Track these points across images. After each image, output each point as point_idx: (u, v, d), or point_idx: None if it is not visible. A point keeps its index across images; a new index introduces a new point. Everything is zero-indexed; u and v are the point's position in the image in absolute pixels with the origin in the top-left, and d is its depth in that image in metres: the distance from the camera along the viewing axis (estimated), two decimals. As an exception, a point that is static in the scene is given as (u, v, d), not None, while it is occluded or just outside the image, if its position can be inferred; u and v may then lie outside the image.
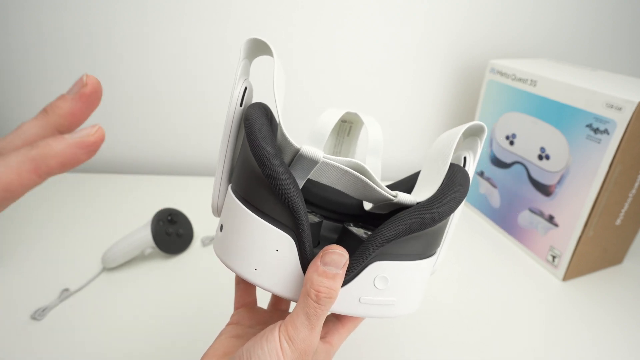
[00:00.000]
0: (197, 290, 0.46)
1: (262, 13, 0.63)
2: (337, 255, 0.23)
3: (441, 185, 0.25)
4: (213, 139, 0.73)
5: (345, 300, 0.25)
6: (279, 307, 0.34)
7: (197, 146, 0.74)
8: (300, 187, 0.25)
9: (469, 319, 0.45)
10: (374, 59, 0.67)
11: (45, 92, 0.67)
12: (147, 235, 0.48)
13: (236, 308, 0.32)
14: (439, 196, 0.24)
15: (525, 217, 0.55)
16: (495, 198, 0.60)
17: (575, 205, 0.48)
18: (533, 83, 0.51)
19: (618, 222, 0.49)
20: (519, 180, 0.55)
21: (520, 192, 0.55)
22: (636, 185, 0.46)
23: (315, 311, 0.23)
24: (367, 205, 0.31)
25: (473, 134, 0.28)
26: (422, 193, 0.26)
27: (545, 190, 0.51)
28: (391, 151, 0.76)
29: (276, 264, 0.24)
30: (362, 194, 0.26)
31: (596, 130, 0.44)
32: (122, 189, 0.67)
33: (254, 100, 0.27)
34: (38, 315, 0.41)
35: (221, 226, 0.26)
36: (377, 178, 0.25)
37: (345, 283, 0.24)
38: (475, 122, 0.26)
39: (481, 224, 0.63)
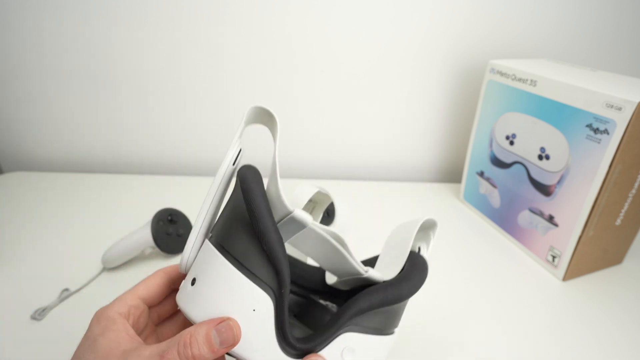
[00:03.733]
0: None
1: (261, 13, 0.63)
2: None
3: (405, 269, 0.27)
4: (213, 139, 0.73)
5: None
6: None
7: (197, 146, 0.74)
8: None
9: (469, 318, 0.45)
10: (375, 59, 0.67)
11: (46, 92, 0.67)
12: (147, 235, 0.49)
13: None
14: (406, 277, 0.27)
15: (525, 217, 0.55)
16: (495, 198, 0.60)
17: (575, 205, 0.48)
18: (533, 83, 0.51)
19: (618, 222, 0.49)
20: (519, 180, 0.55)
21: (520, 192, 0.55)
22: (636, 185, 0.46)
23: None
24: (331, 280, 0.31)
25: (427, 228, 0.32)
26: (385, 274, 0.28)
27: (545, 190, 0.51)
28: (391, 151, 0.76)
29: (251, 325, 0.23)
30: (335, 265, 0.27)
31: (596, 130, 0.44)
32: (122, 189, 0.67)
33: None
34: (38, 315, 0.41)
35: (193, 280, 0.25)
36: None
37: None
38: (428, 218, 0.30)
39: (481, 224, 0.63)
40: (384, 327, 0.27)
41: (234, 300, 0.23)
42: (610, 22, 0.67)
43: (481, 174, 0.63)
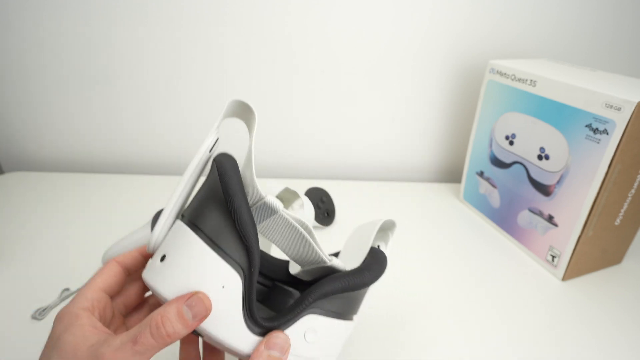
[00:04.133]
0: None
1: (261, 13, 0.63)
2: (282, 340, 0.25)
3: (366, 261, 0.29)
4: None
5: None
6: None
7: (197, 146, 0.74)
8: None
9: (469, 318, 0.45)
10: (375, 59, 0.67)
11: (46, 92, 0.67)
12: (147, 235, 0.49)
13: None
14: (367, 266, 0.29)
15: (524, 217, 0.55)
16: (495, 198, 0.61)
17: (574, 205, 0.48)
18: (533, 83, 0.51)
19: (617, 222, 0.49)
20: (519, 180, 0.55)
21: (520, 192, 0.55)
22: (635, 185, 0.47)
23: None
24: (294, 269, 0.33)
25: (386, 228, 0.34)
26: (347, 266, 0.30)
27: (544, 190, 0.51)
28: (391, 151, 0.76)
29: (219, 302, 0.24)
30: (300, 254, 0.28)
31: (595, 130, 0.44)
32: (122, 189, 0.67)
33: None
34: (39, 314, 0.42)
35: (162, 256, 0.25)
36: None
37: None
38: (387, 219, 0.33)
39: (481, 224, 0.63)
40: (345, 312, 0.28)
41: (205, 276, 0.24)
42: (610, 22, 0.67)
43: (481, 174, 0.63)
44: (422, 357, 0.40)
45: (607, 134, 0.43)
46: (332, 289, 0.26)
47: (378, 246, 0.33)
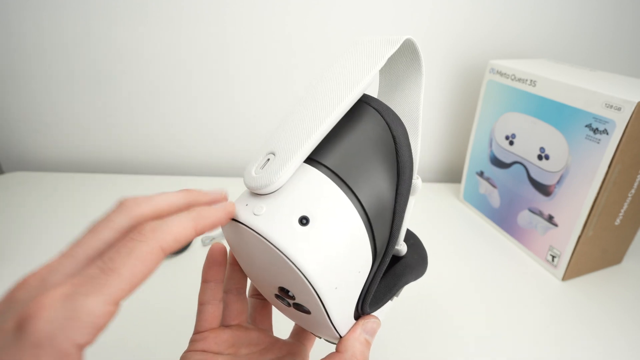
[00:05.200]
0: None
1: (261, 13, 0.63)
2: (376, 325, 0.25)
3: (415, 248, 0.30)
4: (214, 139, 0.73)
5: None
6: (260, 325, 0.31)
7: (198, 146, 0.74)
8: None
9: (469, 318, 0.45)
10: (374, 59, 0.67)
11: (46, 92, 0.67)
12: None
13: (216, 326, 0.29)
14: (424, 260, 0.29)
15: (524, 217, 0.55)
16: (495, 198, 0.61)
17: (574, 205, 0.48)
18: (533, 83, 0.51)
19: (617, 222, 0.49)
20: (519, 180, 0.55)
21: (520, 192, 0.55)
22: (635, 185, 0.47)
23: None
24: None
25: None
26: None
27: (544, 190, 0.51)
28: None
29: (349, 286, 0.21)
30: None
31: (595, 131, 0.44)
32: (122, 189, 0.67)
33: None
34: (38, 314, 0.42)
35: (304, 218, 0.20)
36: None
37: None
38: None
39: (481, 224, 0.63)
40: (394, 294, 0.29)
41: (353, 259, 0.20)
42: (610, 22, 0.67)
43: (481, 174, 0.63)
44: (421, 356, 0.40)
45: (607, 134, 0.43)
46: (410, 279, 0.27)
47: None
